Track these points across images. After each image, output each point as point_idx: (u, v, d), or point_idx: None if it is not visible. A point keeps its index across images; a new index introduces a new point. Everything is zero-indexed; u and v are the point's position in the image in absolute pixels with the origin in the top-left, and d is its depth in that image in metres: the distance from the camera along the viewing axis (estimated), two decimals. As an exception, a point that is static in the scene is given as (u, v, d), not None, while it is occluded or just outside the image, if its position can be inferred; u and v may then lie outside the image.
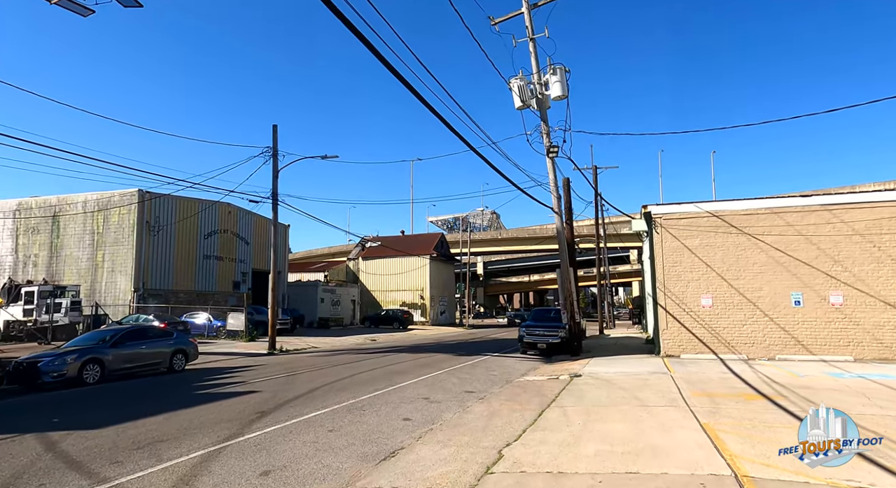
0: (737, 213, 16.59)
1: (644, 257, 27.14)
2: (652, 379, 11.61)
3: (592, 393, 10.06)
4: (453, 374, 13.92)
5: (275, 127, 23.10)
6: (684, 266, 16.97)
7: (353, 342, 27.92)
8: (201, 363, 16.86)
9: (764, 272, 16.10)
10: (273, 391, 10.98)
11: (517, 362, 17.46)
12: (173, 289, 30.62)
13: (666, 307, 17.03)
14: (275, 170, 22.96)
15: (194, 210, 31.77)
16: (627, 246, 61.35)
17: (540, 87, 18.67)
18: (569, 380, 12.19)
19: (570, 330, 18.73)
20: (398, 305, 49.07)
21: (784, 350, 15.64)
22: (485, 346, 24.65)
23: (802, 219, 15.88)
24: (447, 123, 11.83)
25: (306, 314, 40.88)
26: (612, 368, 14.05)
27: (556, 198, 19.10)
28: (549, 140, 18.71)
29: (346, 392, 10.88)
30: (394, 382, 12.29)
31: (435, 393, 10.77)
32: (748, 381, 10.84)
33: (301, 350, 22.83)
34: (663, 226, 17.34)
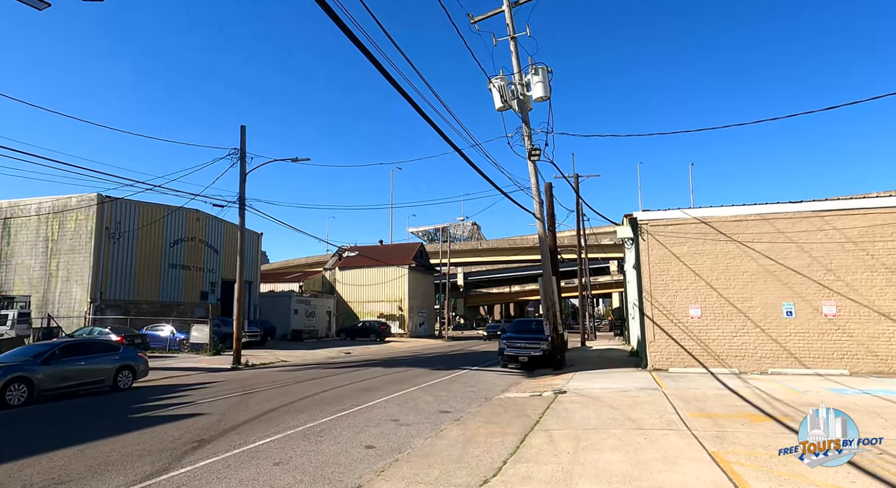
0: (725, 220, 15.91)
1: (627, 267, 26.44)
2: (643, 397, 10.66)
3: (580, 414, 9.04)
4: (428, 391, 12.78)
5: (243, 128, 21.89)
6: (672, 274, 16.19)
7: (326, 355, 26.53)
8: (154, 380, 15.42)
9: (754, 281, 15.40)
10: (222, 413, 9.71)
11: (497, 377, 16.40)
12: (135, 300, 28.83)
13: (653, 318, 16.19)
14: (242, 174, 21.68)
15: (159, 216, 30.12)
16: (608, 256, 61.06)
17: (521, 88, 17.89)
18: (553, 398, 11.17)
19: (553, 342, 17.76)
20: (376, 317, 47.64)
21: (776, 363, 14.89)
22: (464, 359, 23.53)
23: (793, 226, 15.26)
24: (427, 117, 10.88)
25: (279, 326, 39.21)
26: (599, 383, 13.08)
27: (538, 203, 18.22)
28: (531, 142, 17.88)
29: (305, 413, 9.66)
30: (361, 401, 11.11)
31: (406, 414, 9.63)
32: (747, 399, 9.95)
33: (268, 364, 21.41)
34: (650, 233, 16.58)
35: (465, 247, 73.78)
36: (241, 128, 21.83)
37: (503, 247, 71.08)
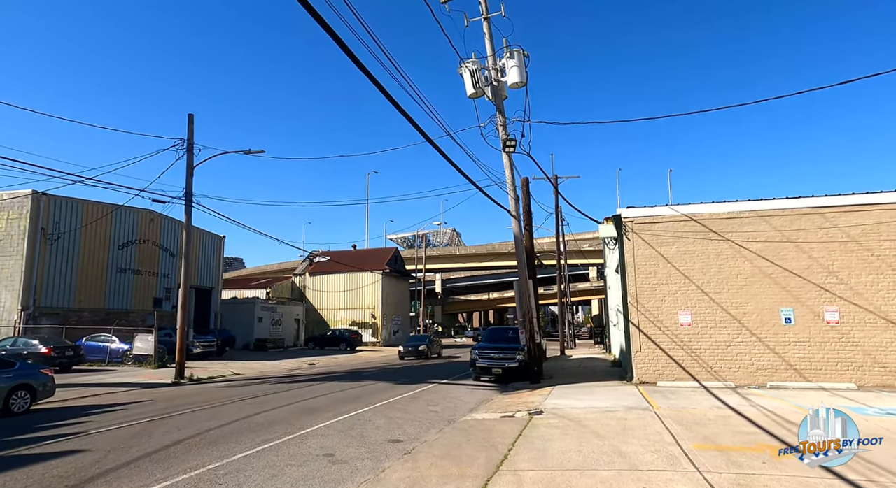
0: (718, 217, 14.48)
1: (609, 271, 24.96)
2: (633, 419, 8.99)
3: (558, 445, 7.31)
4: (383, 412, 10.93)
5: (190, 116, 19.85)
6: (659, 277, 14.68)
7: (286, 367, 24.41)
8: (68, 399, 13.22)
9: (749, 284, 13.96)
10: (109, 448, 7.70)
11: (467, 392, 14.61)
12: (75, 308, 26.30)
13: (639, 325, 14.63)
14: (189, 167, 19.61)
15: (105, 215, 27.67)
16: (588, 262, 59.99)
17: (495, 73, 16.29)
18: (527, 420, 9.43)
19: (530, 352, 16.07)
20: (348, 325, 45.47)
21: (774, 375, 13.42)
22: (434, 371, 21.69)
23: (791, 224, 13.88)
24: (394, 101, 9.14)
25: (242, 335, 36.81)
26: (580, 401, 11.39)
27: (514, 199, 16.58)
28: (506, 133, 16.26)
29: (218, 446, 7.73)
30: (297, 427, 9.21)
31: (346, 446, 7.78)
32: (757, 423, 8.35)
33: (217, 378, 19.25)
34: (635, 232, 15.06)
35: (442, 253, 72.07)
36: (189, 117, 19.80)
37: (482, 252, 69.56)
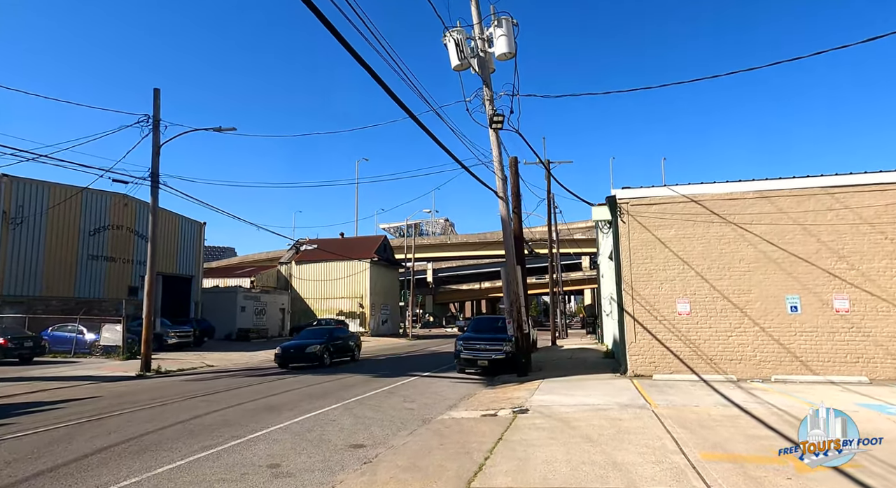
0: (720, 198, 13.43)
1: (602, 258, 23.95)
2: (628, 419, 7.98)
3: (543, 454, 6.28)
4: (352, 410, 9.87)
5: (156, 91, 18.48)
6: (656, 263, 13.65)
7: (264, 358, 23.31)
8: (11, 394, 12.07)
9: (753, 270, 12.96)
10: (10, 460, 6.57)
11: (450, 386, 13.59)
12: (42, 296, 25.00)
13: (634, 314, 13.63)
14: (155, 145, 18.29)
15: (74, 200, 26.27)
16: (581, 251, 59.12)
17: (482, 43, 15.08)
18: (511, 420, 8.41)
19: (517, 342, 15.06)
20: (335, 314, 44.37)
21: (779, 368, 12.48)
22: (418, 363, 20.68)
23: (799, 205, 12.87)
24: (373, 72, 7.97)
25: (224, 324, 35.62)
26: (570, 397, 10.39)
27: (501, 179, 15.45)
28: (493, 108, 15.09)
29: (143, 456, 6.63)
30: (248, 429, 8.12)
31: (297, 453, 6.71)
32: (771, 425, 7.35)
33: (187, 371, 18.14)
34: (631, 215, 14.00)
35: (433, 242, 70.96)
36: (155, 92, 18.42)
37: (473, 241, 68.50)
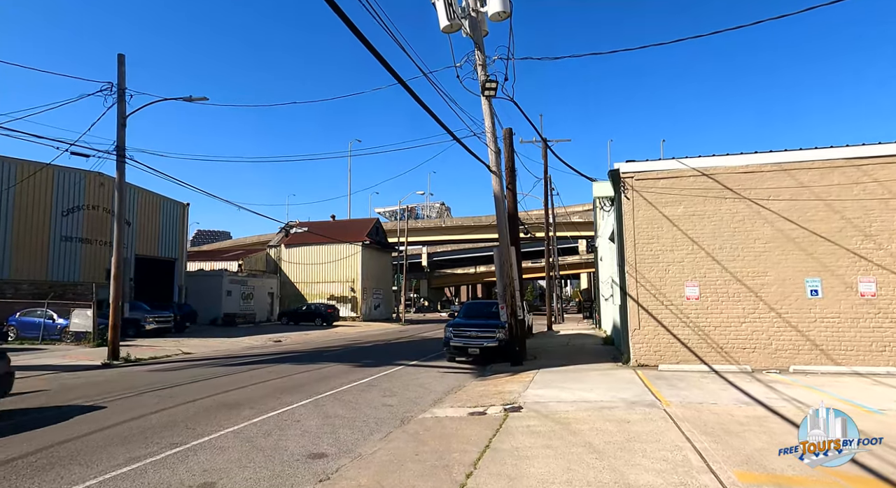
0: (734, 171, 12.22)
1: (600, 241, 22.77)
2: (638, 420, 6.86)
3: (539, 468, 5.14)
4: (323, 407, 8.73)
5: (121, 57, 16.97)
6: (663, 243, 12.49)
7: (246, 345, 22.19)
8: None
9: (770, 250, 11.81)
10: None
11: (437, 377, 12.48)
12: (11, 279, 23.70)
13: (638, 299, 12.50)
14: (121, 116, 16.86)
15: (45, 178, 24.81)
16: (578, 235, 57.95)
17: (474, 1, 13.68)
18: (501, 420, 7.30)
19: (512, 329, 13.95)
20: (326, 299, 43.28)
21: (797, 357, 11.40)
22: (407, 350, 19.60)
23: (821, 178, 11.67)
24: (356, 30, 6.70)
25: (209, 309, 34.49)
26: (569, 391, 9.28)
27: (494, 152, 14.16)
28: (486, 73, 13.73)
29: (49, 472, 5.45)
30: (194, 433, 6.97)
31: (242, 467, 5.55)
32: (807, 428, 6.22)
33: (159, 359, 16.96)
34: (636, 190, 12.78)
35: (428, 225, 69.70)
36: (119, 58, 16.93)
37: (469, 224, 67.23)
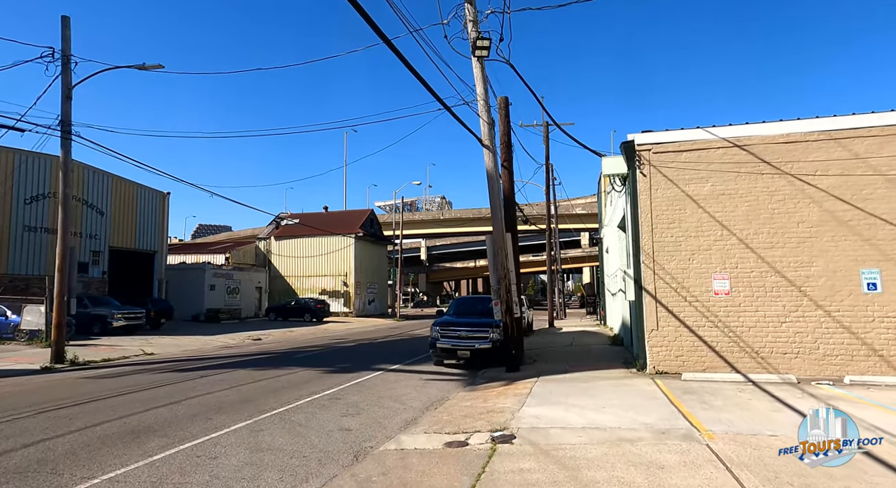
0: (773, 142, 10.20)
1: (607, 230, 20.71)
2: (673, 466, 4.90)
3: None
4: (261, 432, 6.78)
5: (65, 19, 14.97)
6: (686, 227, 10.50)
7: (221, 344, 20.32)
8: None
9: (817, 236, 9.83)
10: None
11: (419, 386, 10.54)
12: (-36, 272, 21.84)
13: (656, 294, 10.53)
14: (66, 86, 14.87)
15: (2, 163, 22.85)
16: (581, 227, 55.98)
17: (463, -55, 11.64)
18: (487, 457, 5.36)
19: (507, 328, 12.01)
20: (317, 293, 41.38)
21: (850, 365, 9.44)
22: (393, 350, 17.68)
23: (881, 148, 9.66)
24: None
25: (191, 304, 32.62)
26: (576, 412, 7.33)
27: (487, 123, 12.15)
28: (477, 30, 11.70)
29: None
30: (59, 481, 5.04)
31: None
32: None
33: (112, 361, 15.05)
34: (653, 165, 10.77)
35: (426, 218, 67.83)
36: (63, 20, 14.93)
37: (469, 217, 65.32)
